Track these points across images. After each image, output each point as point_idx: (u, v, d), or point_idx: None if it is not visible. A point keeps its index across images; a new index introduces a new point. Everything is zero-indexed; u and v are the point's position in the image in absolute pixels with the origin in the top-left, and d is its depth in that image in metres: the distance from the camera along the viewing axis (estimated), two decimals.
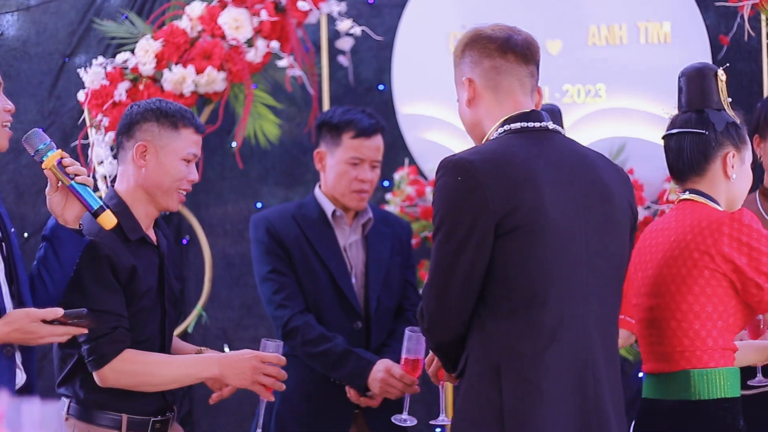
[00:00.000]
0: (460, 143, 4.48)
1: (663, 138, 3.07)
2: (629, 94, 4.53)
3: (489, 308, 2.49)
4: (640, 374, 4.85)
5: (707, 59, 4.51)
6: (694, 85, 3.10)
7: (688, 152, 2.94)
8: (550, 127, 2.63)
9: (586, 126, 4.52)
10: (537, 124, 2.60)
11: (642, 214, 4.37)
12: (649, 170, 4.44)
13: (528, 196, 2.47)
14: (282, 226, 3.47)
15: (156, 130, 2.92)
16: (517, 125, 2.59)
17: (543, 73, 4.48)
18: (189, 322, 4.55)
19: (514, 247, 2.45)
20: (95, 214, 2.80)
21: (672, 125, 3.06)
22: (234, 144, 4.47)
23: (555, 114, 3.58)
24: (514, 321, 2.47)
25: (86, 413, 2.83)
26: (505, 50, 2.65)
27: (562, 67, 4.54)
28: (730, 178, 2.89)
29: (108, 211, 2.80)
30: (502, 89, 2.63)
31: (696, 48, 4.51)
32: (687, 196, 2.92)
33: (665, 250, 2.82)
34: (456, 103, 2.72)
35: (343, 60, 4.66)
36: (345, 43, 4.61)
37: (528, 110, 2.62)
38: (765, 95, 4.52)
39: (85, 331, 2.70)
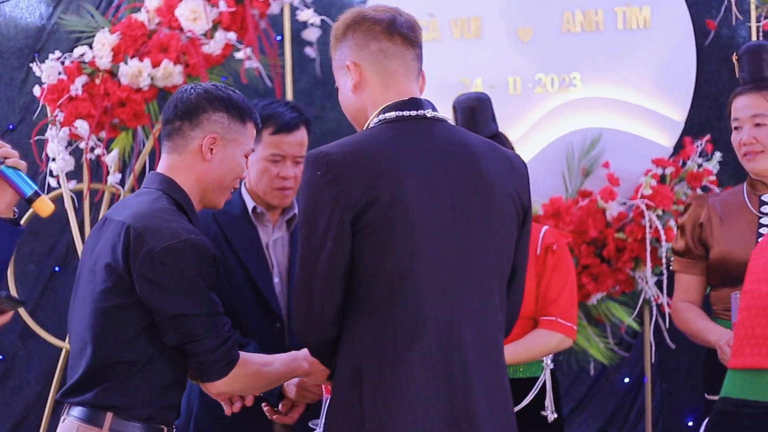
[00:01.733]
0: None
1: None
2: (606, 83, 4.29)
3: (352, 308, 2.37)
4: (626, 380, 4.63)
5: (691, 45, 4.26)
6: None
7: None
8: (429, 114, 2.46)
9: (559, 117, 4.29)
10: (413, 113, 2.45)
11: (615, 209, 4.13)
12: (626, 162, 4.20)
13: (387, 189, 2.32)
14: (199, 225, 3.31)
15: (226, 122, 2.69)
16: (392, 114, 2.45)
17: (514, 61, 4.34)
18: None
19: (371, 242, 2.32)
20: (29, 200, 2.62)
21: None
22: None
23: (484, 102, 3.38)
24: (375, 320, 2.33)
25: (133, 427, 2.59)
26: (392, 32, 2.50)
27: (534, 55, 4.31)
28: None
29: (43, 198, 2.62)
30: (388, 74, 2.49)
31: (679, 33, 4.26)
32: None
33: None
34: None
35: (310, 51, 4.49)
36: (311, 34, 4.44)
37: (406, 98, 2.47)
38: None
39: (8, 317, 2.56)
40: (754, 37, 4.23)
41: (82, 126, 4.22)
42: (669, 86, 4.25)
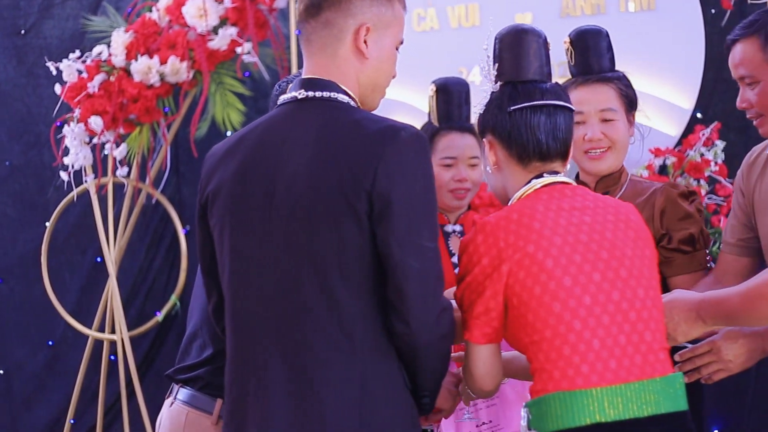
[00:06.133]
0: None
1: (526, 108, 2.40)
2: None
3: None
4: None
5: (699, 27, 4.01)
6: (545, 51, 2.60)
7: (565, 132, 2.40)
8: (300, 96, 2.23)
9: None
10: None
11: None
12: (631, 152, 3.97)
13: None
14: None
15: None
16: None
17: None
18: (163, 312, 4.57)
19: None
20: None
21: (537, 95, 2.43)
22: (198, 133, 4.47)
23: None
24: None
25: None
26: None
27: None
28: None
29: None
30: None
31: (685, 14, 4.01)
32: (561, 179, 2.34)
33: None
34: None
35: None
36: None
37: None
38: None
39: None
40: None
41: (96, 122, 4.40)
42: (677, 71, 4.01)
